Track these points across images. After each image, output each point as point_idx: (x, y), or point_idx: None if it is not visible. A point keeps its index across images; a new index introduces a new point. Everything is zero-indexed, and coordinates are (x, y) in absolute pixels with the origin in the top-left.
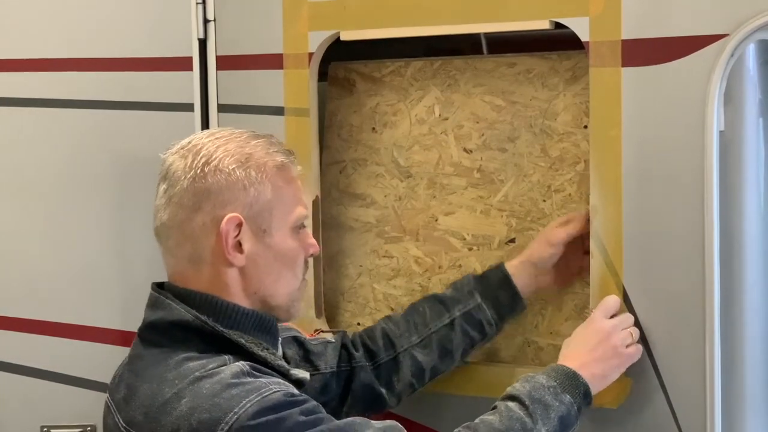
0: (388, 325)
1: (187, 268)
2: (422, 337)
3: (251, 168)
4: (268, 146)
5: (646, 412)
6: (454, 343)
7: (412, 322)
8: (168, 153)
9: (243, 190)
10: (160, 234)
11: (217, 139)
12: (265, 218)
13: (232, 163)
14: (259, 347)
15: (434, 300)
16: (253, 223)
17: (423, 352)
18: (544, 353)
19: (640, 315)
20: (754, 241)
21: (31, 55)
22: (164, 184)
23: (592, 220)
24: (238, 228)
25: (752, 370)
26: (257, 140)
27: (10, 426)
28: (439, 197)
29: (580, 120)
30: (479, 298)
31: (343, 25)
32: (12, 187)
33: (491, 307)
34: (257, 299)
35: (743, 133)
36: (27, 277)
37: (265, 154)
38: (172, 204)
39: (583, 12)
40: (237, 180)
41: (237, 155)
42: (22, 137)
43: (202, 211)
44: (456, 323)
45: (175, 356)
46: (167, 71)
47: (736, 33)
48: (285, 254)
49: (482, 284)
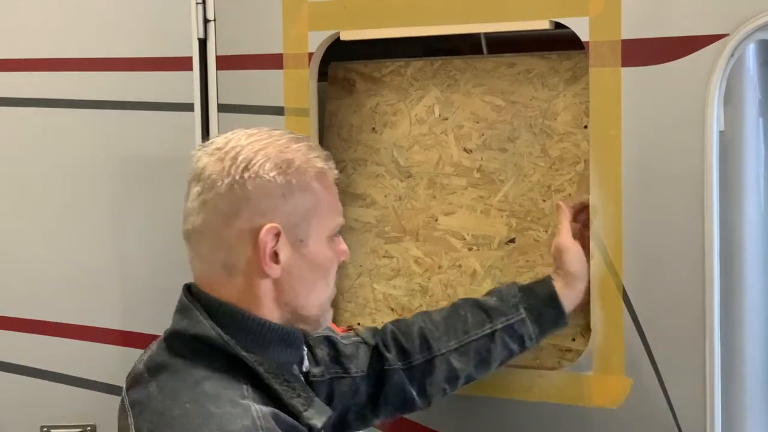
0: (427, 325)
1: (219, 276)
2: (461, 344)
3: (291, 175)
4: (308, 151)
5: (646, 412)
6: (492, 354)
7: (452, 326)
8: (201, 152)
9: (282, 199)
10: (191, 238)
11: (256, 141)
12: (303, 228)
13: (273, 170)
14: (278, 380)
15: (476, 306)
16: (291, 233)
17: (460, 360)
18: (544, 353)
19: (640, 315)
20: (754, 241)
21: (31, 55)
22: (197, 186)
23: (592, 220)
24: (275, 238)
25: (752, 370)
26: (297, 144)
27: (10, 426)
28: (439, 197)
29: (580, 120)
30: (524, 312)
31: (343, 25)
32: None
33: (534, 323)
34: (288, 310)
35: (743, 133)
36: (27, 277)
37: (305, 161)
38: (207, 209)
39: (583, 12)
40: (277, 187)
41: (277, 160)
42: (22, 137)
43: (240, 219)
44: (497, 335)
45: (195, 372)
46: (167, 71)
47: (736, 33)
48: (320, 264)
49: (528, 298)
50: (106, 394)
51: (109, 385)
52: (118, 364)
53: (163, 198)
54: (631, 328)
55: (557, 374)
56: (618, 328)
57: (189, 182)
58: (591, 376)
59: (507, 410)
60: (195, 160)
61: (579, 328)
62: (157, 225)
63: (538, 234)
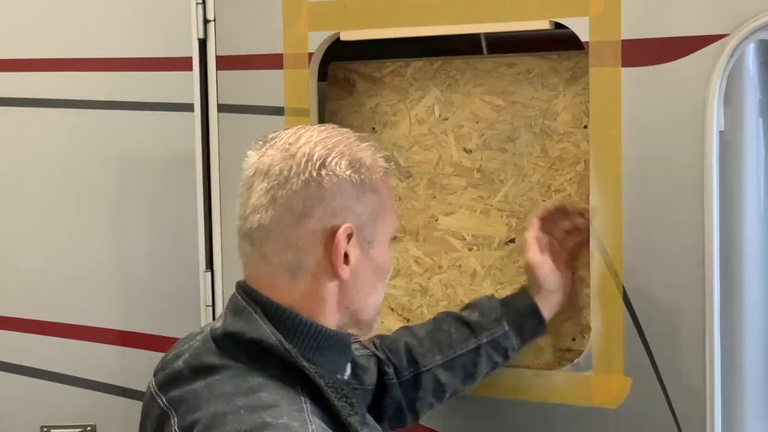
0: (411, 341)
1: (282, 277)
2: (447, 359)
3: (364, 174)
4: (373, 150)
5: (646, 412)
6: (478, 368)
7: (437, 341)
8: (265, 147)
9: (355, 199)
10: (254, 236)
11: (328, 138)
12: (370, 229)
13: (348, 168)
14: (338, 395)
15: (459, 322)
16: (360, 234)
17: (446, 374)
18: (544, 353)
19: (640, 315)
20: (754, 241)
21: (31, 55)
22: (265, 182)
23: (592, 220)
24: (348, 239)
25: (752, 370)
26: (365, 143)
27: (10, 426)
28: (439, 197)
29: (580, 120)
30: (507, 326)
31: (343, 25)
32: (12, 187)
33: (517, 335)
34: (348, 313)
35: (743, 133)
36: (27, 277)
37: (373, 160)
38: (277, 206)
39: (583, 12)
40: (352, 186)
41: (351, 159)
42: (22, 137)
43: (312, 218)
44: (482, 349)
45: (251, 378)
46: (167, 71)
47: (736, 33)
48: (382, 267)
49: (509, 312)
50: (106, 394)
51: (109, 385)
52: (118, 364)
53: (163, 198)
54: (631, 328)
55: (557, 374)
56: (618, 328)
57: (250, 177)
58: (591, 376)
59: (507, 410)
60: (258, 155)
61: (579, 328)
62: (157, 225)
63: None
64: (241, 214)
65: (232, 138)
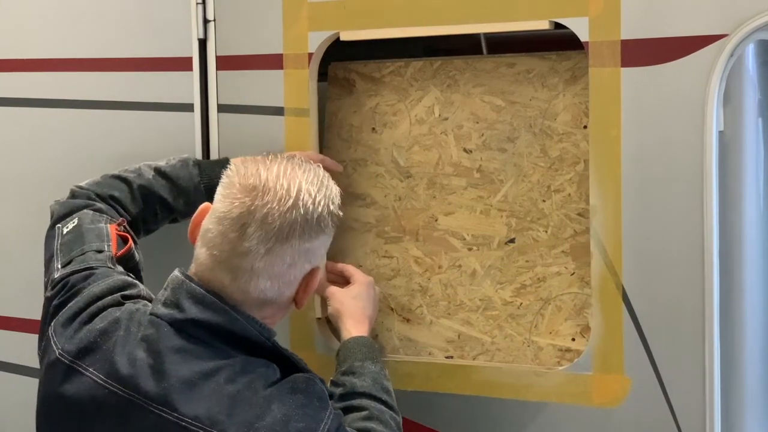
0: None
1: (250, 303)
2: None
3: (334, 220)
4: (338, 192)
5: (646, 412)
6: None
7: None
8: (255, 192)
9: (326, 245)
10: (238, 273)
11: (319, 190)
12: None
13: (334, 226)
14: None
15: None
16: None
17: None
18: (544, 353)
19: (640, 315)
20: (754, 241)
21: (31, 55)
22: (261, 231)
23: (592, 219)
24: None
25: (752, 370)
26: (333, 181)
27: (10, 426)
28: (439, 197)
29: (579, 120)
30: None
31: (342, 25)
32: (12, 187)
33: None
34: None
35: (743, 133)
36: (27, 277)
37: (336, 206)
38: (273, 257)
39: (583, 12)
40: (330, 235)
41: (335, 211)
42: (22, 137)
43: (298, 266)
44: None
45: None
46: (167, 71)
47: (736, 33)
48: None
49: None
50: None
51: None
52: None
53: None
54: (631, 328)
55: (557, 374)
56: (618, 328)
57: (243, 216)
58: (591, 375)
59: (507, 410)
60: (251, 199)
61: (579, 328)
62: None
63: (538, 234)
64: (228, 248)
65: (232, 138)
